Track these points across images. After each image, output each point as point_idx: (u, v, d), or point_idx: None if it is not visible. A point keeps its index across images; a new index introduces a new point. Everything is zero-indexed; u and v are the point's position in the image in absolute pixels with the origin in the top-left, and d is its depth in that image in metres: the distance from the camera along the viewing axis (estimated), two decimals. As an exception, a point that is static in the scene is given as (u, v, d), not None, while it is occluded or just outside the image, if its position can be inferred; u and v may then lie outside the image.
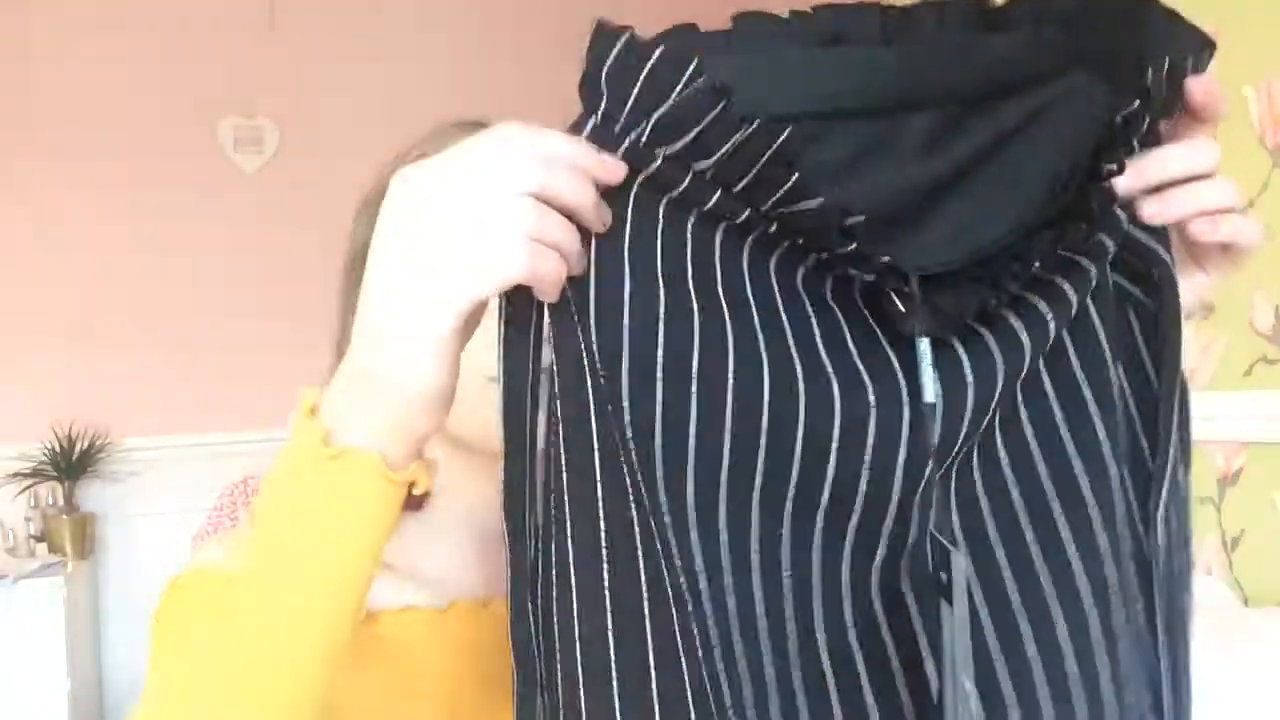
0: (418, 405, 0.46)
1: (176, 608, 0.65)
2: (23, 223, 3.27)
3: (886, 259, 0.42)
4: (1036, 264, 0.45)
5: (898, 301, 0.43)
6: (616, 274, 0.43)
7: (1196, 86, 0.48)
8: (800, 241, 0.44)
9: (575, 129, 0.45)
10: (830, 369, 0.43)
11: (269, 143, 3.48)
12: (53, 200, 3.29)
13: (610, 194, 0.44)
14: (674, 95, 0.42)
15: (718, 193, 0.43)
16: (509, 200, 0.42)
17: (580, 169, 0.43)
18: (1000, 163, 0.45)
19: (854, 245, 0.42)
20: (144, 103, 3.38)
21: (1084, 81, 0.46)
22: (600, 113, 0.44)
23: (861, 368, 0.44)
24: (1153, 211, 0.49)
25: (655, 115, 0.42)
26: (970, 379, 0.44)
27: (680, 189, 0.43)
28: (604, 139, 0.44)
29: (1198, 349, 1.70)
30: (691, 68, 0.43)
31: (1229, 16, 1.64)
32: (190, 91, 3.41)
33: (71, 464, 3.12)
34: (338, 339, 0.76)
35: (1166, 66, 0.45)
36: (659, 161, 0.43)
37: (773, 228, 0.44)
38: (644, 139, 0.43)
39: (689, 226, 0.44)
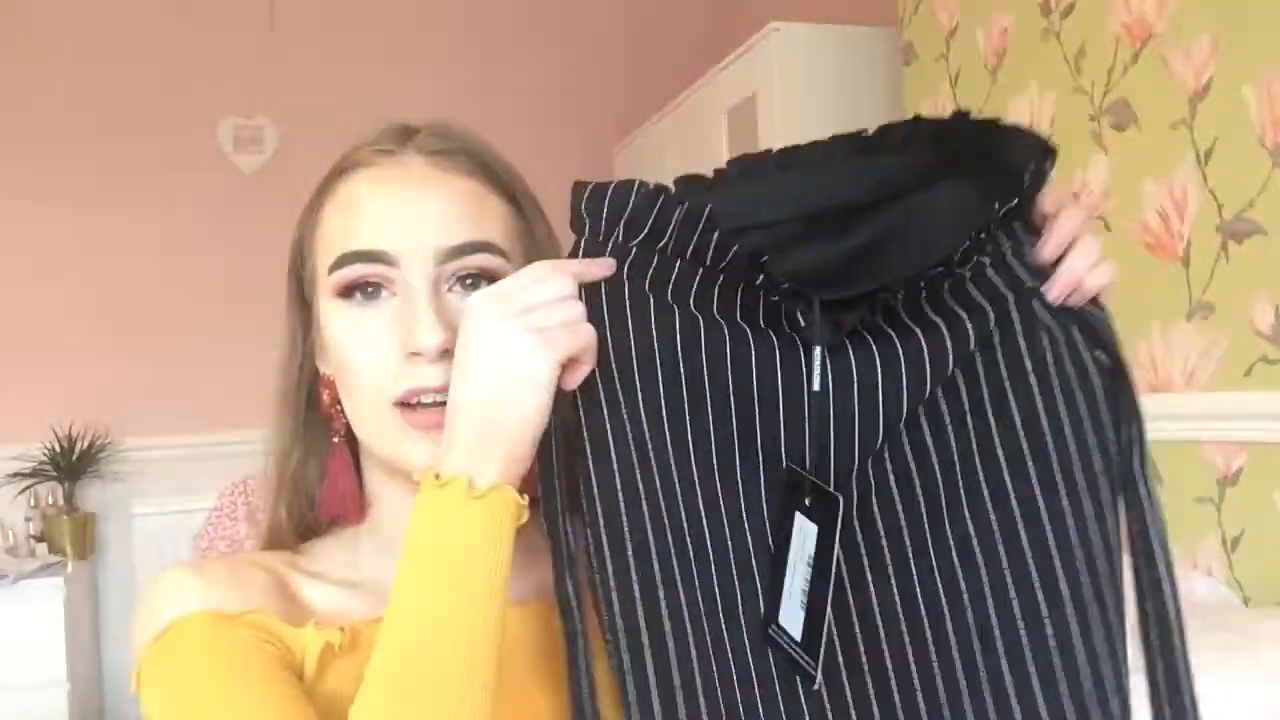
0: (528, 447, 0.59)
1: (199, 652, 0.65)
2: (23, 222, 3.27)
3: (786, 286, 0.62)
4: (901, 294, 0.64)
5: (802, 319, 0.63)
6: (621, 323, 0.63)
7: (1046, 203, 0.65)
8: (736, 281, 0.64)
9: (575, 248, 0.64)
10: (754, 354, 0.64)
11: (269, 143, 3.49)
12: (52, 200, 3.29)
13: (612, 279, 0.63)
14: (631, 206, 0.62)
15: (678, 261, 0.63)
16: (524, 344, 0.59)
17: (558, 299, 0.60)
18: (887, 242, 0.65)
19: (761, 276, 0.63)
20: (144, 103, 3.38)
21: (951, 186, 0.64)
22: (587, 231, 0.63)
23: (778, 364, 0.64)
24: (1054, 295, 0.65)
25: (623, 220, 0.62)
26: (855, 374, 0.63)
27: (653, 266, 0.63)
28: (593, 249, 0.63)
29: (1198, 349, 1.70)
30: (653, 192, 0.63)
31: (1229, 16, 1.64)
32: (190, 91, 3.41)
33: (71, 464, 3.12)
34: (284, 340, 0.76)
35: (1030, 172, 0.63)
36: (634, 250, 0.63)
37: (720, 278, 0.64)
38: (620, 237, 0.63)
39: (668, 292, 0.64)
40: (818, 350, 0.63)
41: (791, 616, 0.62)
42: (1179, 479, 1.71)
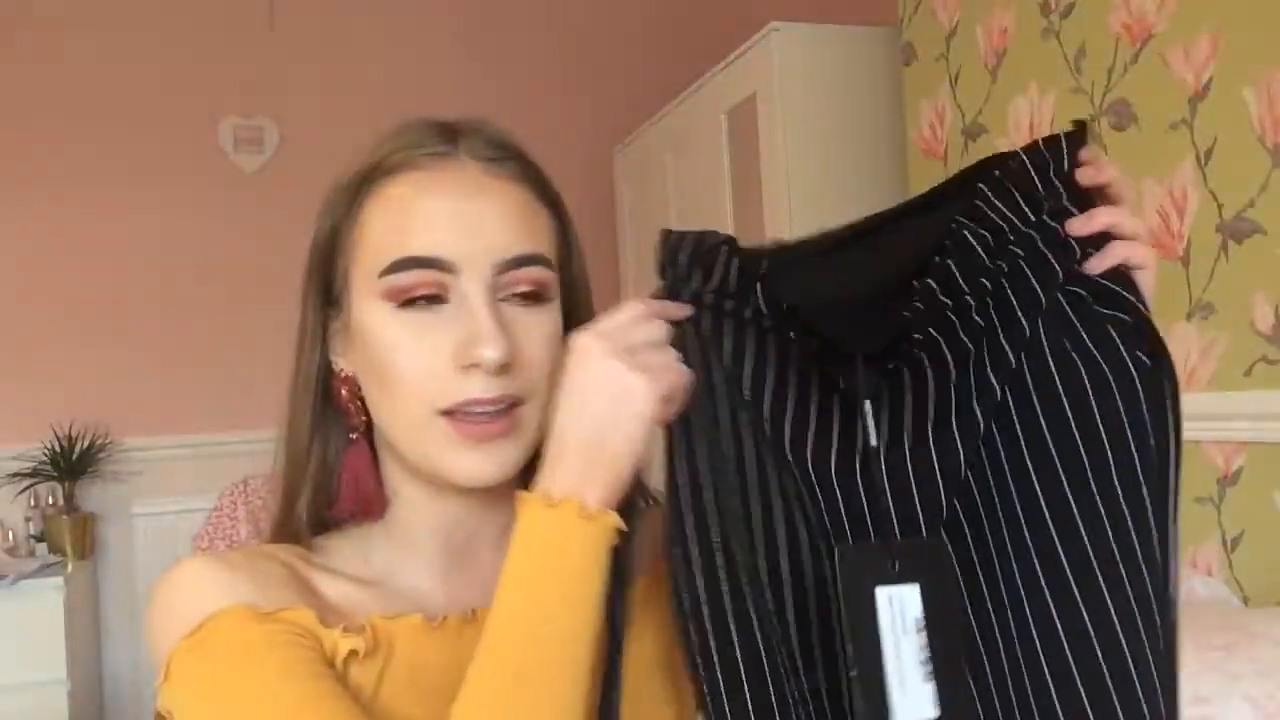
0: (629, 475, 0.64)
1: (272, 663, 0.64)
2: (23, 222, 3.27)
3: (828, 349, 0.67)
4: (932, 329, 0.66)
5: (842, 381, 0.66)
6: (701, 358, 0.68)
7: (1082, 176, 0.65)
8: (791, 344, 0.69)
9: (660, 292, 0.69)
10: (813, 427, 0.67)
11: (269, 143, 3.49)
12: (53, 200, 3.29)
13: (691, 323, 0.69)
14: (713, 262, 0.68)
15: (746, 317, 0.69)
16: (633, 381, 0.63)
17: (658, 339, 0.66)
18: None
19: (815, 336, 0.67)
20: (144, 102, 3.38)
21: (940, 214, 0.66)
22: (670, 278, 0.68)
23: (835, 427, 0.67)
24: (1091, 264, 0.64)
25: (702, 272, 0.68)
26: (906, 426, 0.65)
27: (726, 318, 0.69)
28: (675, 293, 0.68)
29: (1198, 349, 1.70)
30: (730, 251, 0.69)
31: (1229, 16, 1.64)
32: (190, 91, 3.42)
33: (71, 464, 3.12)
34: (300, 335, 0.75)
35: (1052, 161, 0.64)
36: (712, 300, 0.68)
37: (785, 341, 0.69)
38: (697, 286, 0.68)
39: (731, 330, 0.69)
40: (867, 405, 0.65)
41: (914, 701, 0.61)
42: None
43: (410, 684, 0.68)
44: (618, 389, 0.62)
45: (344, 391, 0.74)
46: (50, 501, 3.14)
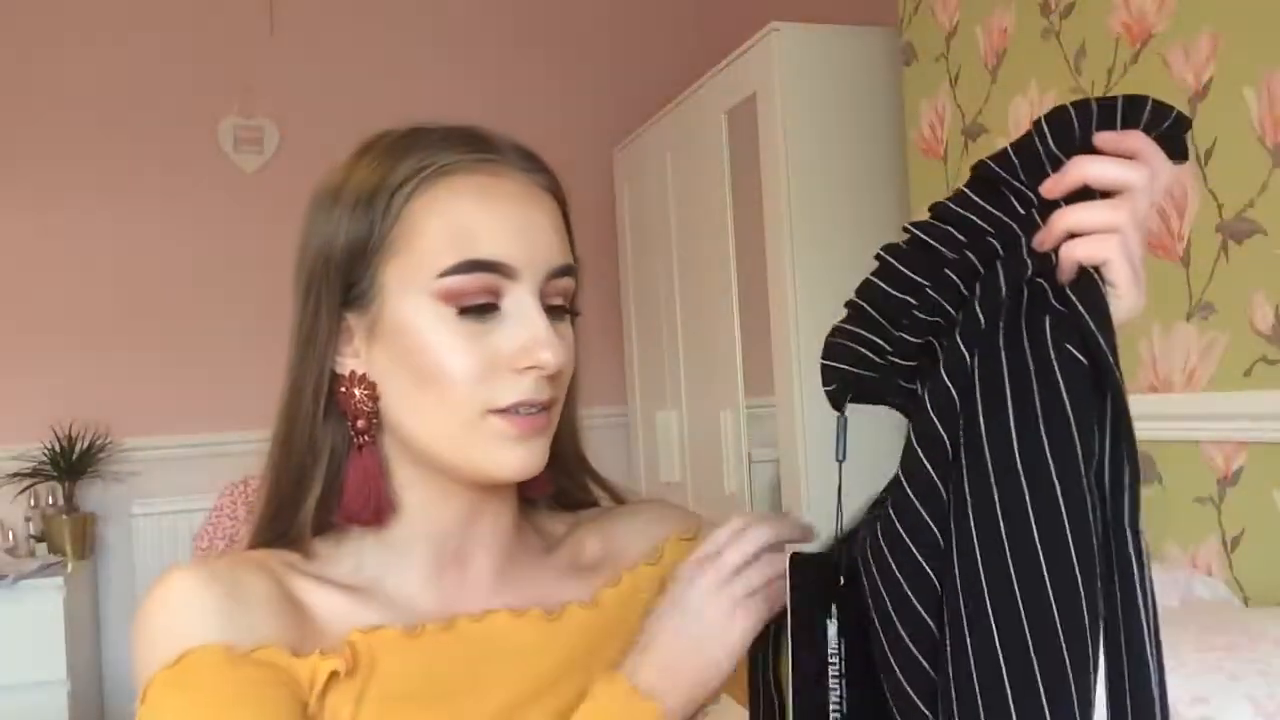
0: (712, 691, 0.69)
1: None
2: (23, 222, 3.27)
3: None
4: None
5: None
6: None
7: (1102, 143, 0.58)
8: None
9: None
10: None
11: (269, 143, 3.49)
12: (53, 200, 3.29)
13: None
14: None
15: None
16: (728, 618, 0.69)
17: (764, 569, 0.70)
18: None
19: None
20: (144, 102, 3.38)
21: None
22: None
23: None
24: (1036, 241, 0.58)
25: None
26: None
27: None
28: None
29: (1198, 349, 1.70)
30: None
31: (1229, 16, 1.64)
32: (190, 91, 3.42)
33: (71, 464, 3.12)
34: (296, 335, 0.74)
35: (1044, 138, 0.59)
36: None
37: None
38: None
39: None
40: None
41: None
42: (1179, 479, 1.71)
43: (390, 698, 0.69)
44: (714, 625, 0.68)
45: (356, 393, 0.73)
46: (50, 501, 3.14)
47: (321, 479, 0.74)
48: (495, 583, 0.77)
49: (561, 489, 0.83)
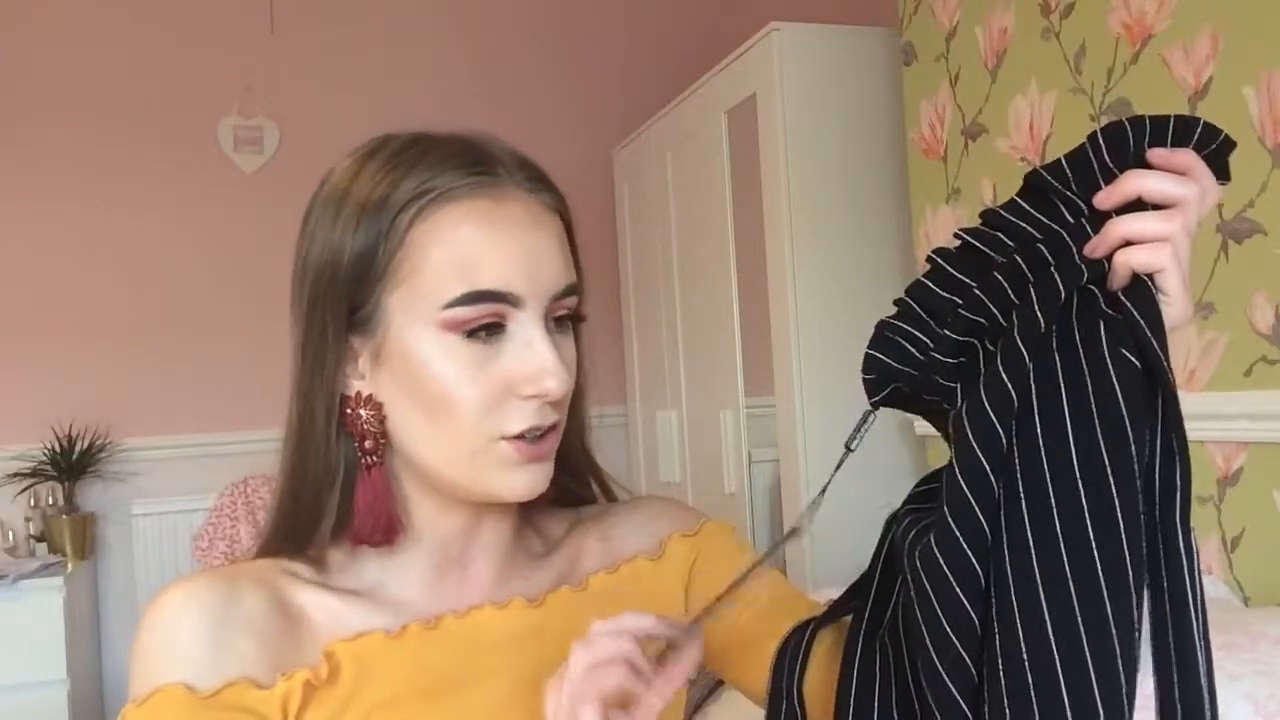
0: None
1: None
2: (23, 222, 3.27)
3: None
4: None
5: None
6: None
7: (1154, 158, 0.60)
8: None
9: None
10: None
11: (269, 143, 3.49)
12: (52, 200, 3.29)
13: None
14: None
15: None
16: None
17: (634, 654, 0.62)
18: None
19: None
20: (144, 102, 3.38)
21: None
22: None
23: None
24: (1088, 249, 0.61)
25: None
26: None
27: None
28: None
29: (1198, 349, 1.70)
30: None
31: (1229, 16, 1.64)
32: (190, 91, 3.41)
33: (71, 464, 3.12)
34: (303, 354, 0.74)
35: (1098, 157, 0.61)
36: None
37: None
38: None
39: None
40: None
41: None
42: (1179, 479, 1.71)
43: (379, 704, 0.69)
44: None
45: (363, 414, 0.73)
46: (50, 501, 3.14)
47: (336, 503, 0.74)
48: (493, 585, 0.77)
49: (564, 487, 0.83)
